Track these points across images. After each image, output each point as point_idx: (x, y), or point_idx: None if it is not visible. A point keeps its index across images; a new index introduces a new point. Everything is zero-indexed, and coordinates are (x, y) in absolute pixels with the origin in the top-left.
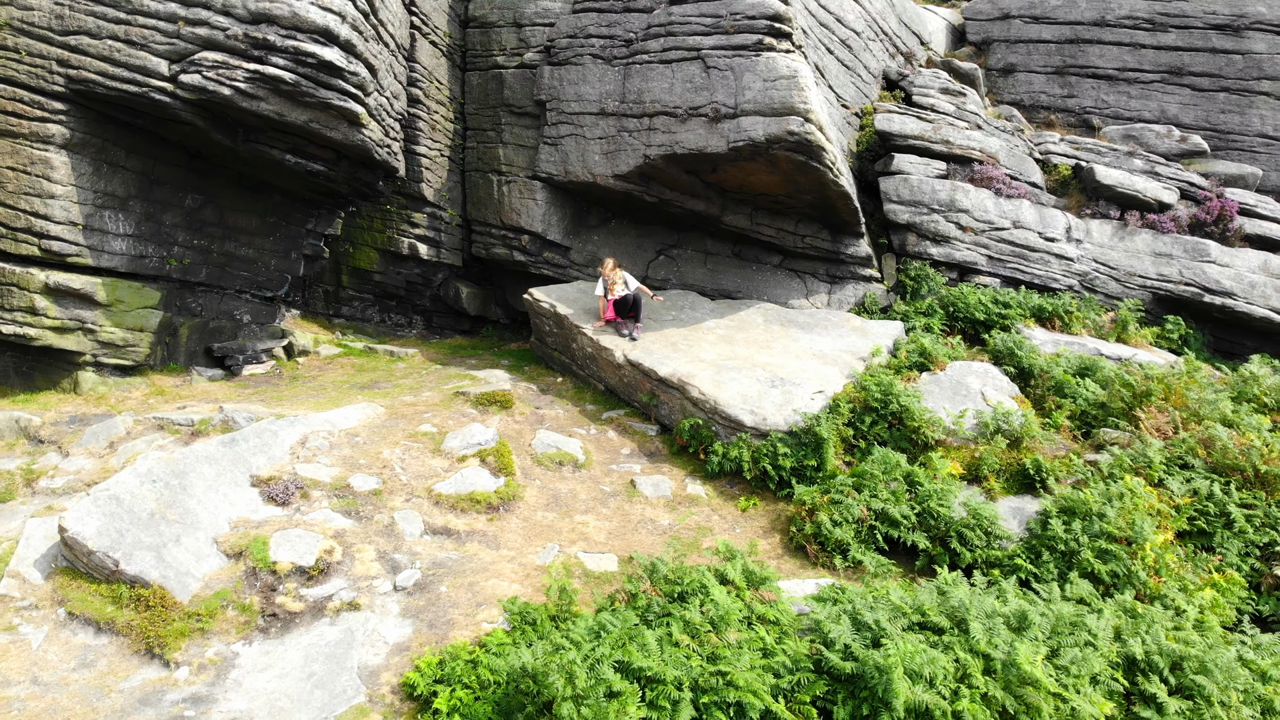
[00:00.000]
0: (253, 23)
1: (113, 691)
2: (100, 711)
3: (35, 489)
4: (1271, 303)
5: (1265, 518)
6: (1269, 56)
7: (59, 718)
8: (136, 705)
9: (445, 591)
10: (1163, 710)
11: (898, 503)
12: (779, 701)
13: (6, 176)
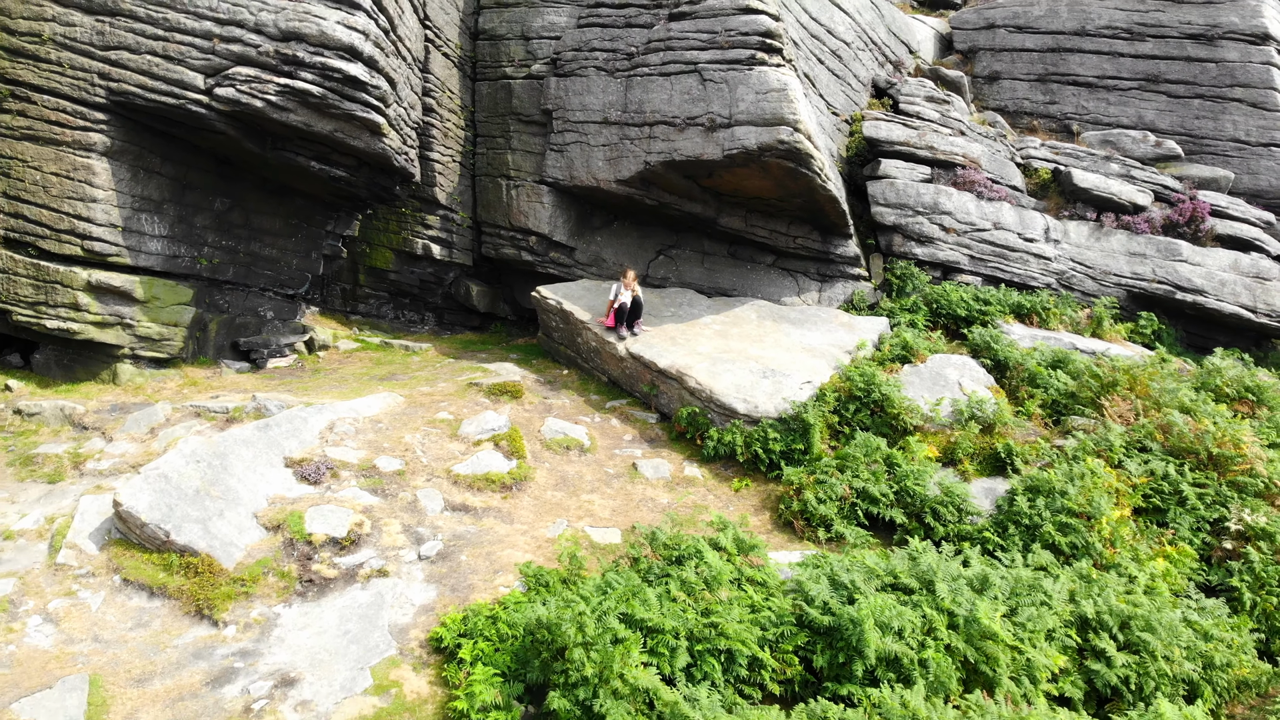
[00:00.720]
0: (283, 40)
1: (168, 647)
2: (158, 664)
3: (83, 471)
4: (1241, 300)
5: (1216, 496)
6: (1241, 64)
7: (121, 669)
8: (190, 658)
9: (465, 560)
10: (1111, 663)
11: (877, 482)
12: (765, 650)
13: (51, 181)
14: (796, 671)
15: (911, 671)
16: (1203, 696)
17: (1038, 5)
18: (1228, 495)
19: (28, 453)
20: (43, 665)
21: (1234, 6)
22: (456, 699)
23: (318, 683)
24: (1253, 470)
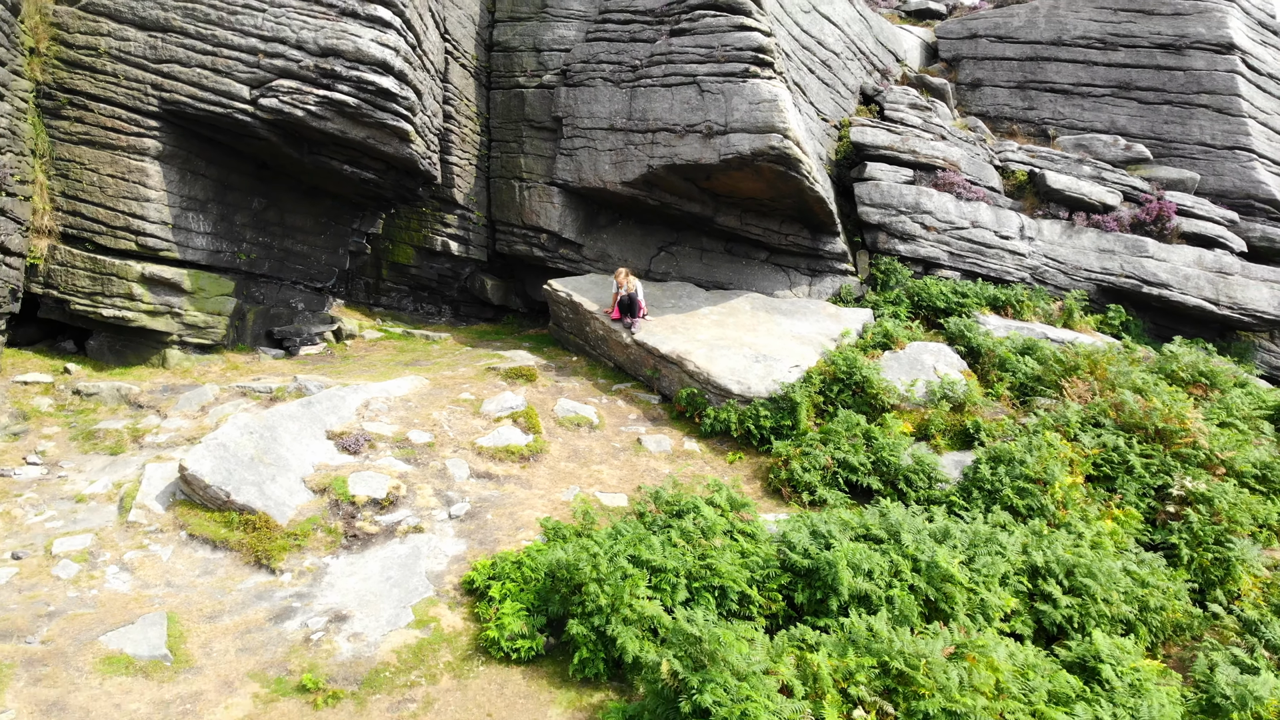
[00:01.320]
0: (322, 55)
1: (232, 590)
2: (225, 604)
3: (141, 444)
4: (1205, 293)
5: (1161, 465)
6: (1207, 72)
7: (193, 608)
8: (253, 599)
9: (490, 519)
10: (1056, 605)
11: (857, 454)
12: (752, 589)
13: (107, 182)
14: (780, 607)
15: (879, 606)
16: (1138, 635)
17: (1017, 16)
18: (1172, 465)
19: (89, 428)
20: (123, 605)
21: (1201, 18)
22: (488, 630)
23: (366, 619)
24: (1195, 443)
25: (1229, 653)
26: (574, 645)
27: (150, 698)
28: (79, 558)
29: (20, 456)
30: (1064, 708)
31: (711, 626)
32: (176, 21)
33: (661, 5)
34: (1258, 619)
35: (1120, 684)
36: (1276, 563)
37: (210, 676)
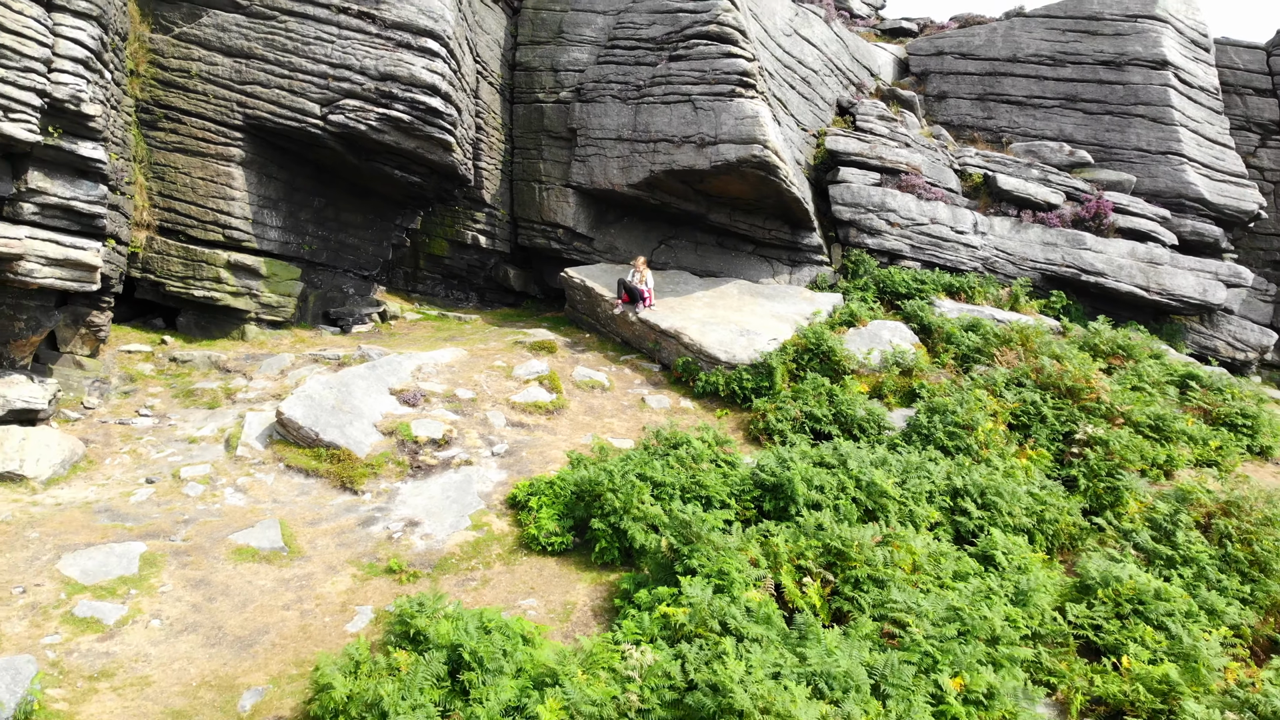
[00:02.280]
0: (381, 80)
1: (325, 505)
2: (322, 514)
3: (234, 400)
4: (1136, 280)
5: (1069, 415)
6: (1144, 86)
7: (297, 517)
8: (343, 511)
9: (525, 455)
10: (970, 516)
11: (821, 407)
12: (730, 499)
13: (198, 184)
14: (752, 514)
15: (827, 510)
16: (1035, 540)
17: (978, 36)
18: (1078, 416)
19: (187, 388)
20: (242, 515)
21: (1138, 37)
22: (529, 530)
23: (433, 524)
24: (1099, 399)
25: (1105, 552)
26: (595, 539)
27: (274, 576)
28: (202, 481)
29: (134, 409)
30: (963, 580)
31: (700, 514)
32: (259, 50)
33: (662, 34)
34: (1133, 529)
35: (1009, 566)
36: (1162, 492)
37: (317, 563)
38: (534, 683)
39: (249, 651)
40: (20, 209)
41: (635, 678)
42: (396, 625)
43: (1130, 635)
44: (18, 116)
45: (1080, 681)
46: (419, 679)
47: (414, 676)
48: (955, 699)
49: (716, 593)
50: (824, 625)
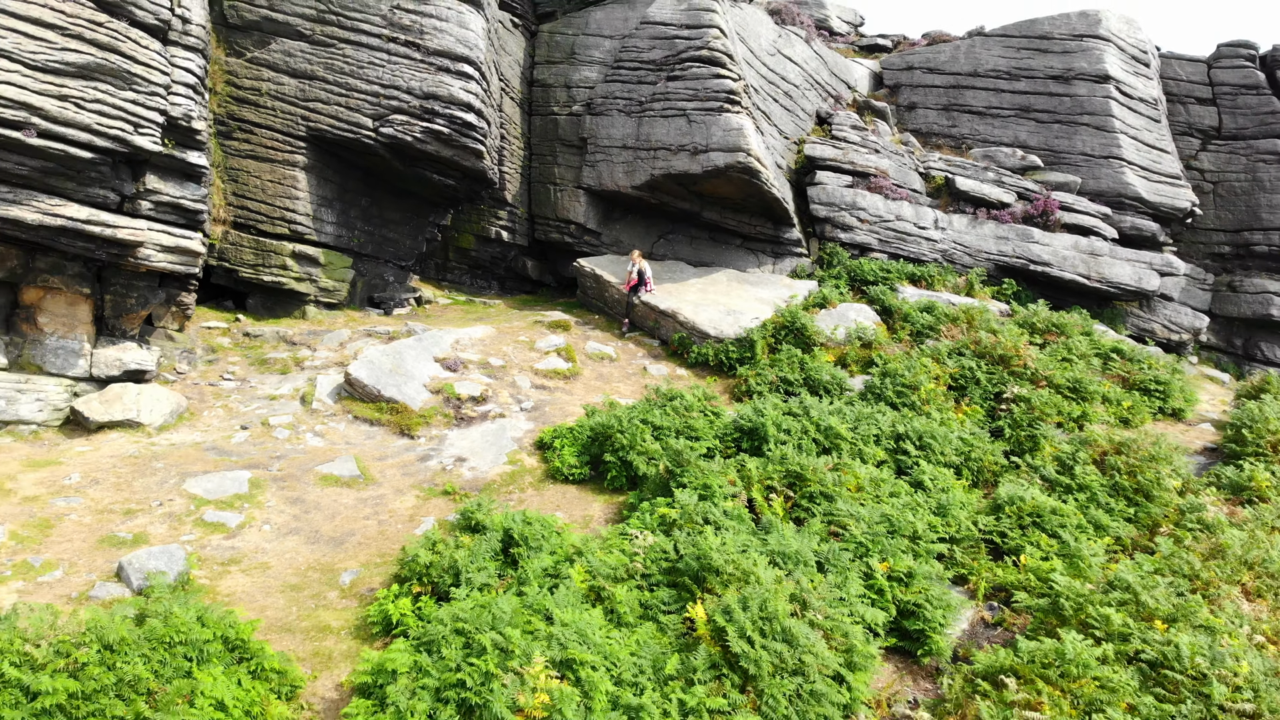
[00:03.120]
0: (425, 99)
1: (389, 446)
2: (386, 453)
3: (302, 367)
4: (1079, 270)
5: (1000, 379)
6: (1088, 98)
7: (368, 454)
8: (403, 451)
9: (547, 410)
10: (909, 455)
11: (793, 373)
12: (716, 440)
13: (267, 186)
14: (731, 451)
15: (791, 447)
16: (962, 474)
17: (944, 53)
18: (1007, 379)
19: (261, 357)
20: (323, 452)
21: (1084, 55)
22: (554, 464)
23: (476, 460)
24: (1025, 365)
25: (1017, 481)
26: (606, 469)
27: (353, 497)
28: (286, 427)
29: (218, 374)
30: (896, 498)
31: (690, 445)
32: (320, 72)
33: (661, 57)
34: (1041, 465)
35: (935, 489)
36: (1071, 438)
37: (387, 487)
38: (565, 557)
39: (341, 547)
40: (139, 205)
41: (639, 552)
42: (460, 520)
43: (1028, 540)
44: (145, 131)
45: (985, 573)
46: (481, 551)
47: (477, 550)
48: (882, 576)
49: (701, 500)
50: (784, 525)
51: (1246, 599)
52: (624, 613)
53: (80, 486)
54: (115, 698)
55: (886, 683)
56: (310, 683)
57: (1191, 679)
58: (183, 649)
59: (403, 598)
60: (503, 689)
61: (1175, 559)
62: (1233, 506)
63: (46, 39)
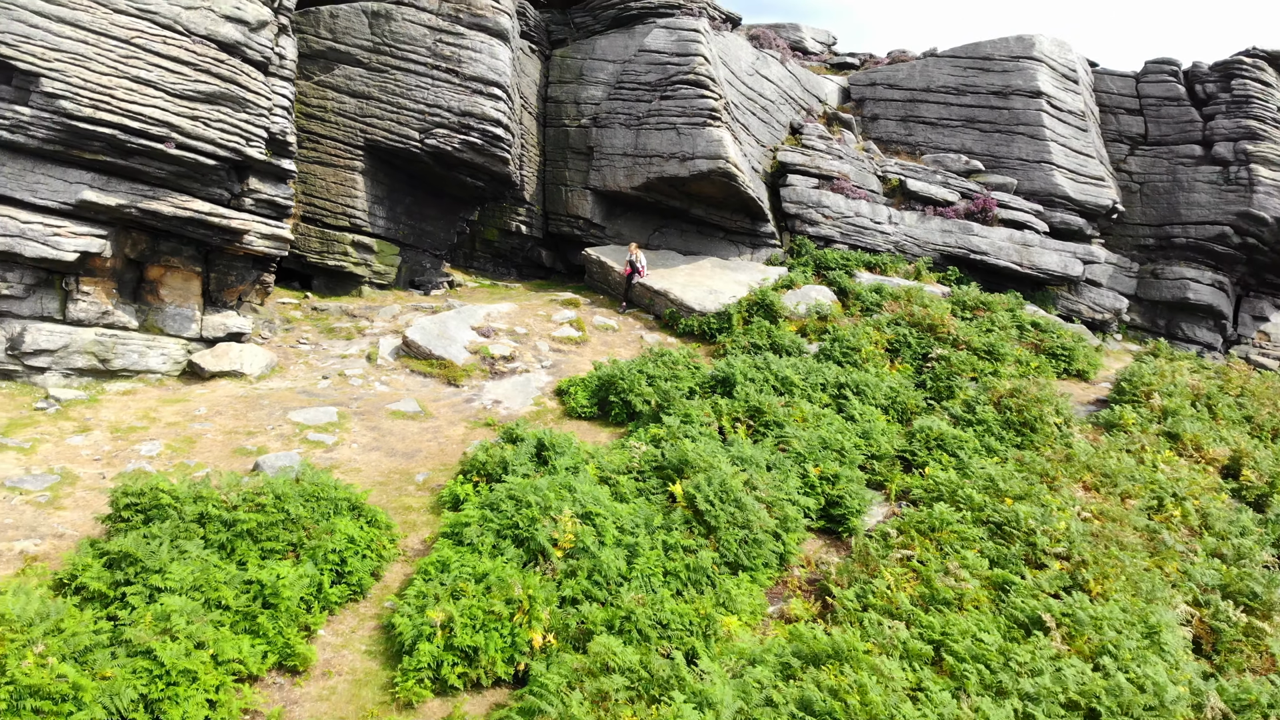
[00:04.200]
0: (462, 115)
1: (440, 392)
2: (438, 396)
3: (364, 334)
4: (1012, 258)
5: (927, 343)
6: (1023, 110)
7: (425, 397)
8: (451, 395)
9: (563, 367)
10: (849, 400)
11: (761, 339)
12: (695, 385)
13: (331, 187)
14: (708, 394)
15: (754, 390)
16: (888, 412)
17: (901, 70)
18: (933, 343)
19: (329, 326)
20: (389, 395)
21: (1020, 73)
22: (569, 404)
23: (509, 402)
24: (949, 332)
25: (930, 419)
26: (611, 407)
27: (417, 426)
28: (359, 377)
29: (295, 340)
30: (832, 425)
31: (676, 388)
32: (375, 93)
33: (655, 80)
34: (951, 406)
35: (863, 421)
36: (978, 387)
37: (442, 420)
38: (582, 459)
39: (412, 459)
40: (243, 202)
41: (635, 456)
42: (503, 436)
43: (932, 458)
44: (254, 144)
45: (897, 480)
46: (522, 453)
47: (519, 452)
48: (815, 477)
49: (682, 424)
50: (744, 441)
51: (1084, 490)
52: (624, 491)
53: (208, 416)
54: (284, 529)
55: (816, 549)
56: (401, 539)
57: (1024, 533)
58: (324, 504)
59: (465, 484)
60: (543, 528)
61: (1035, 464)
62: (1098, 435)
63: (183, 72)
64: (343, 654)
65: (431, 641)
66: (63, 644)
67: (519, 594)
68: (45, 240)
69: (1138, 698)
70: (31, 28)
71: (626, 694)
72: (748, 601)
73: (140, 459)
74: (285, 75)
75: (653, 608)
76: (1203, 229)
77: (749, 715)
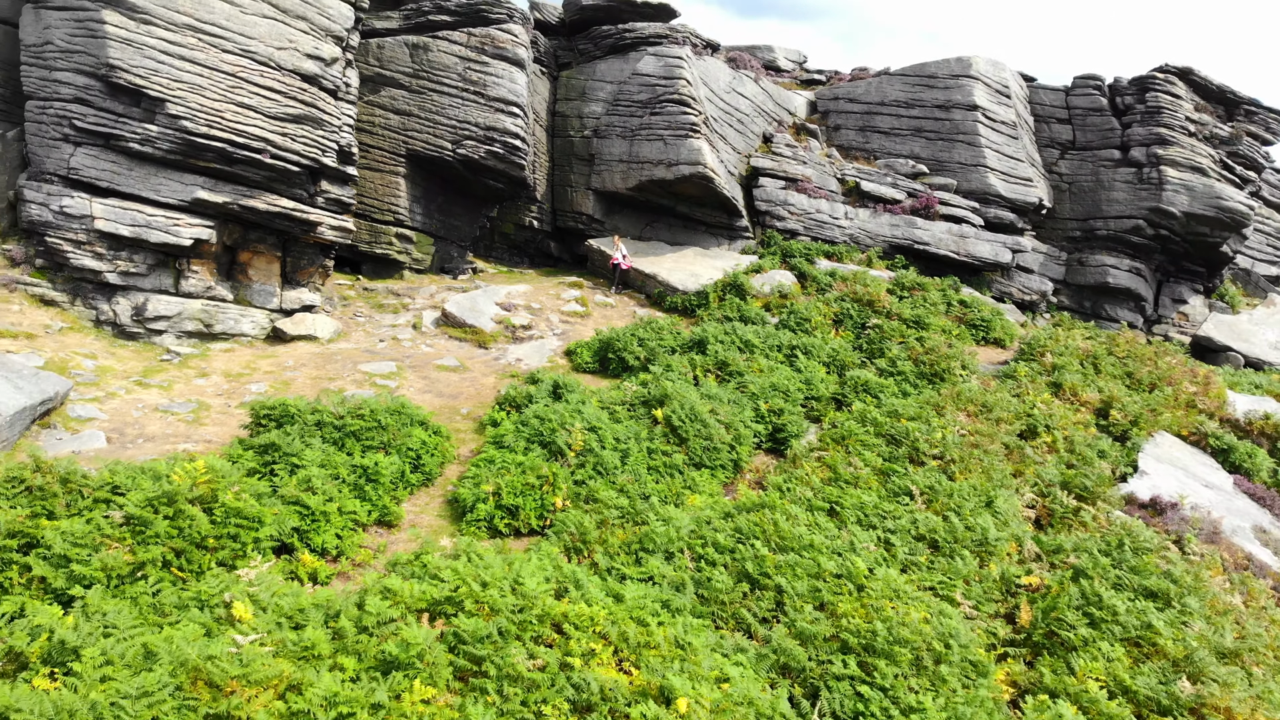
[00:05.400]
0: (487, 129)
1: (473, 352)
2: (473, 356)
3: (408, 309)
4: (950, 248)
5: (865, 315)
6: (962, 121)
7: (462, 356)
8: (482, 355)
9: (570, 334)
10: (798, 358)
11: (732, 313)
12: (677, 346)
13: (379, 189)
14: (686, 352)
15: (721, 349)
16: (829, 368)
17: (860, 86)
18: (870, 314)
19: (378, 303)
20: (434, 354)
21: (959, 89)
22: (576, 361)
23: (528, 360)
24: (884, 306)
25: (862, 371)
26: (609, 363)
27: (458, 376)
28: (408, 341)
29: (352, 313)
30: (782, 374)
31: (661, 346)
32: (415, 111)
33: (646, 99)
34: (879, 362)
35: (807, 372)
36: (902, 348)
37: (477, 372)
38: (586, 396)
39: (456, 399)
40: (316, 200)
41: (628, 393)
42: (527, 379)
43: (858, 399)
44: (328, 155)
45: (830, 414)
46: (541, 390)
47: (539, 389)
48: (765, 410)
49: (665, 371)
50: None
51: (966, 416)
52: (619, 415)
53: (295, 367)
54: (377, 432)
55: (763, 462)
56: (455, 450)
57: (910, 442)
58: (402, 418)
59: (500, 412)
60: (561, 435)
61: (931, 398)
62: (990, 382)
63: (275, 99)
64: (421, 516)
65: (485, 503)
66: (245, 490)
67: (546, 472)
68: (167, 229)
69: (968, 535)
70: (159, 63)
71: (619, 520)
72: (708, 487)
73: (252, 394)
74: (349, 99)
75: (639, 484)
76: (1121, 222)
77: (699, 533)
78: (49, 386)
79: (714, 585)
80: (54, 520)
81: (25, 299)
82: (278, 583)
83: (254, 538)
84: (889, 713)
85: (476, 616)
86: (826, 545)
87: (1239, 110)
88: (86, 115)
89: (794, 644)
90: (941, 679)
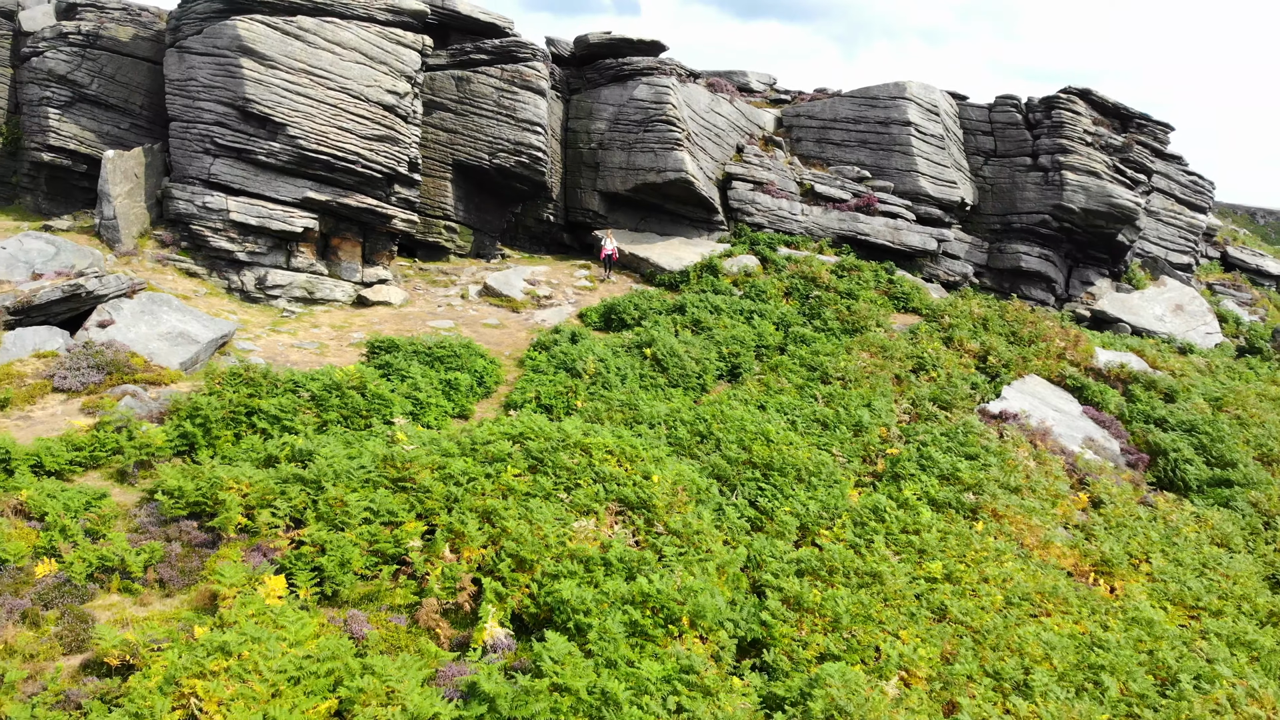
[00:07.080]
0: (516, 144)
1: (509, 316)
2: (509, 319)
3: (455, 284)
4: (887, 238)
5: (809, 288)
6: (899, 134)
7: (500, 316)
8: (515, 317)
9: (581, 303)
10: (754, 318)
11: (706, 287)
12: (663, 308)
13: (431, 190)
14: (670, 314)
15: (698, 314)
16: (778, 326)
17: (817, 105)
18: (813, 289)
19: (431, 280)
20: (480, 317)
21: (895, 109)
22: (587, 320)
23: (551, 321)
24: (824, 282)
25: (802, 328)
26: (611, 322)
27: (498, 331)
28: (460, 306)
29: (412, 287)
30: (741, 328)
31: (651, 308)
32: (459, 129)
33: (640, 119)
34: (815, 322)
35: (760, 328)
36: (833, 311)
37: (512, 329)
38: (596, 341)
39: (499, 346)
40: (390, 199)
41: (626, 340)
42: (551, 332)
43: (794, 343)
44: (401, 166)
45: (774, 358)
46: (563, 337)
47: (561, 337)
48: (726, 353)
49: (652, 327)
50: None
51: (869, 355)
52: (619, 354)
53: (380, 322)
54: (454, 357)
55: (724, 388)
56: (503, 377)
57: (822, 369)
58: (470, 350)
59: (533, 351)
60: (579, 363)
61: (846, 343)
62: (894, 335)
63: (365, 123)
64: (486, 413)
65: (530, 403)
66: (371, 385)
67: (570, 384)
68: (284, 220)
69: (849, 419)
70: (281, 97)
71: (619, 408)
72: (681, 400)
73: (354, 339)
74: (415, 123)
75: (633, 395)
76: (1032, 217)
77: (677, 415)
78: (224, 327)
79: (677, 435)
80: (260, 400)
81: (175, 272)
82: (416, 428)
83: (390, 412)
84: (775, 497)
85: (538, 439)
86: (752, 421)
87: (1132, 123)
88: (225, 135)
89: (723, 462)
90: (811, 486)
